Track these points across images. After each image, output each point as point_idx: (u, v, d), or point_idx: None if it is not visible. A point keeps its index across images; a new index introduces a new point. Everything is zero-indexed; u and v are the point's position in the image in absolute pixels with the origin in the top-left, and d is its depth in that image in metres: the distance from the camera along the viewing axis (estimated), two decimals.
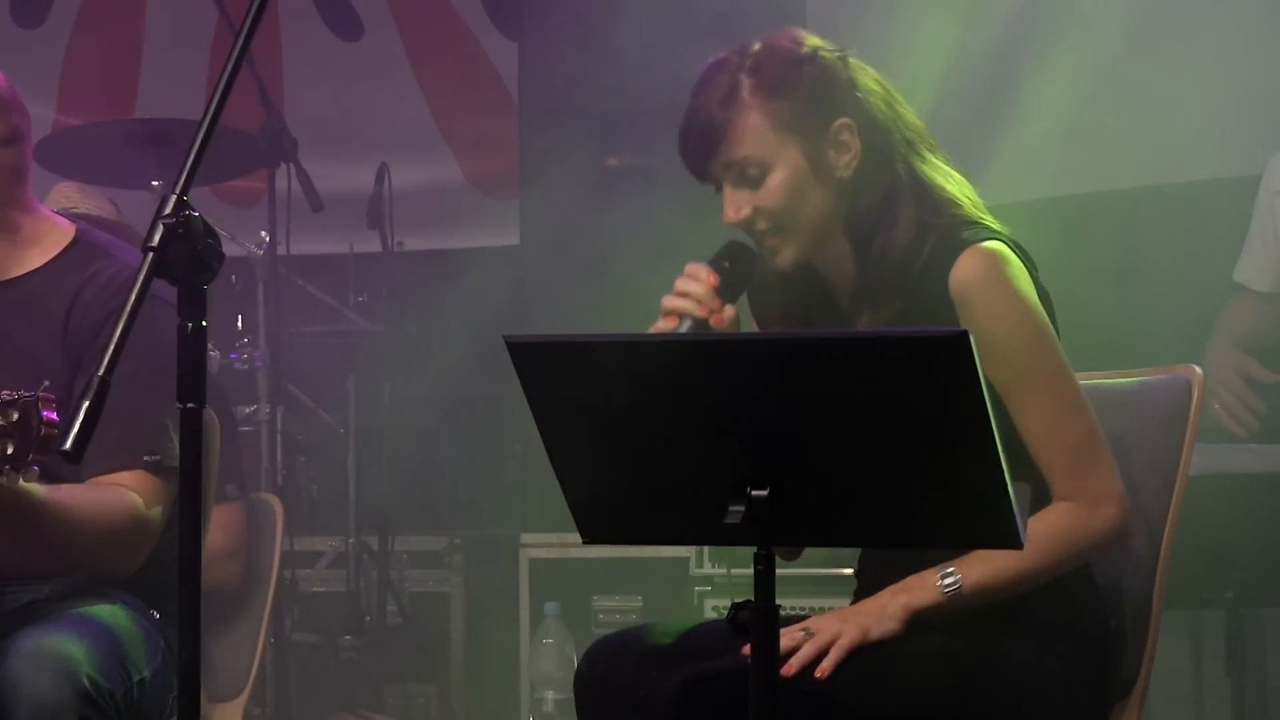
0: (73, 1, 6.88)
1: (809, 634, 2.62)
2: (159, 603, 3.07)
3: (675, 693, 2.60)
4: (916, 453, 2.14)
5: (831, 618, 2.64)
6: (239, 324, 5.48)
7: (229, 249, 2.55)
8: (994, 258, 2.69)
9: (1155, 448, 2.86)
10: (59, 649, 2.81)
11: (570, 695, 2.80)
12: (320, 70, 6.78)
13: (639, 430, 2.21)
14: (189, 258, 2.22)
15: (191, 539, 2.23)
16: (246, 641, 3.97)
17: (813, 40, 2.80)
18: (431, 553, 6.03)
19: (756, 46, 2.78)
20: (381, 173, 5.86)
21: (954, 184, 2.80)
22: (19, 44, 6.76)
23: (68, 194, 4.80)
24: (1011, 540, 2.16)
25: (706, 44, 2.91)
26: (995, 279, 2.69)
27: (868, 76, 2.80)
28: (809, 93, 2.75)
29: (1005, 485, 2.12)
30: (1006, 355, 2.65)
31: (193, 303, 2.23)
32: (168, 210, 2.21)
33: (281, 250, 5.42)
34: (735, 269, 2.75)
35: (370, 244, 5.93)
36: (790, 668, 2.57)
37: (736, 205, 2.76)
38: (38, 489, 2.82)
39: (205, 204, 2.77)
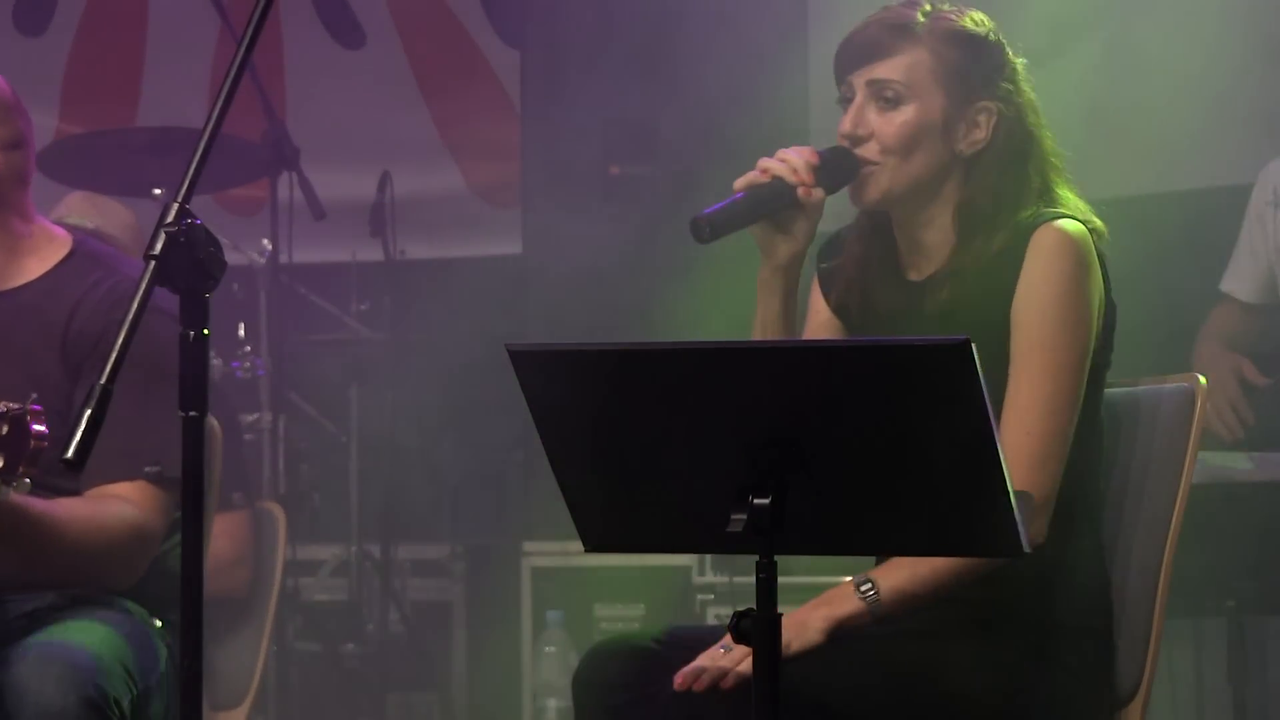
0: (75, 9, 6.88)
1: (728, 649, 2.59)
2: (162, 611, 3.07)
3: (674, 696, 2.60)
4: (919, 461, 2.14)
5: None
6: (241, 332, 5.48)
7: (231, 257, 2.55)
8: (1076, 244, 2.72)
9: (1158, 456, 2.85)
10: (65, 656, 2.81)
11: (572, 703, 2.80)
12: (322, 78, 6.78)
13: (641, 438, 2.21)
14: (191, 266, 2.22)
15: (193, 547, 2.23)
16: (249, 650, 3.97)
17: (990, 23, 2.85)
18: (433, 561, 6.02)
19: (944, 4, 2.84)
20: (384, 181, 5.86)
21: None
22: (21, 51, 6.76)
23: (72, 205, 4.76)
24: (1013, 549, 2.16)
25: (708, 48, 2.91)
26: (1063, 256, 2.70)
27: (1026, 83, 2.85)
28: (975, 61, 2.81)
29: (1008, 493, 2.12)
30: (1029, 323, 2.68)
31: (194, 311, 2.23)
32: (170, 218, 2.21)
33: (284, 258, 5.42)
34: (837, 160, 2.79)
35: (372, 252, 5.93)
36: (696, 684, 2.57)
37: (861, 121, 2.79)
38: (32, 502, 2.81)
39: (207, 212, 2.77)
